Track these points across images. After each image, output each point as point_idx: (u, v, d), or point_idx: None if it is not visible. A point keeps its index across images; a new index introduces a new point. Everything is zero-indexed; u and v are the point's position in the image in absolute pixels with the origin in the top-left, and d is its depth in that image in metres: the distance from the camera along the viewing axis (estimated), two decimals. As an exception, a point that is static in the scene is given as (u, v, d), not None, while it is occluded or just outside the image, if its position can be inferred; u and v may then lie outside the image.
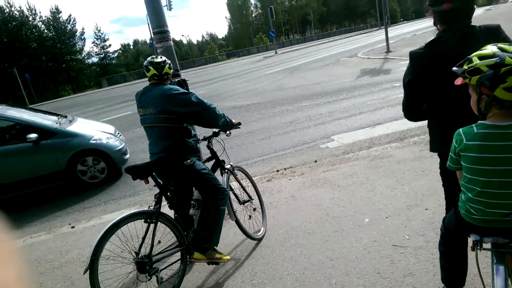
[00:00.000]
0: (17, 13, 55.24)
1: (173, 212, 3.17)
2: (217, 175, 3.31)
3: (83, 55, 67.46)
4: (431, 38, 2.04)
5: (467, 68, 1.57)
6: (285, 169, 5.45)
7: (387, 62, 15.45)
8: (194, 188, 3.28)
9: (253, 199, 3.79)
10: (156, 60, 3.04)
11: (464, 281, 2.22)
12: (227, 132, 3.52)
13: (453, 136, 1.71)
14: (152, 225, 2.79)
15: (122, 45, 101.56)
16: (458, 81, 1.67)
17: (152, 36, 4.32)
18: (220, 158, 3.57)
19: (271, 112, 10.00)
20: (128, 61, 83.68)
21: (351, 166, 4.96)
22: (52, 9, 59.35)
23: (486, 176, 1.61)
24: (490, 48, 1.56)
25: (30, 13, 57.33)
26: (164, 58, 3.12)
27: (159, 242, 3.36)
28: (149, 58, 3.09)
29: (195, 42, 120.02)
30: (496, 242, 1.71)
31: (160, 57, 3.11)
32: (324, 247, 3.21)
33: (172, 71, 3.18)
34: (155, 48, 4.21)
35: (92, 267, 2.48)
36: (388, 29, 20.22)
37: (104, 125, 7.67)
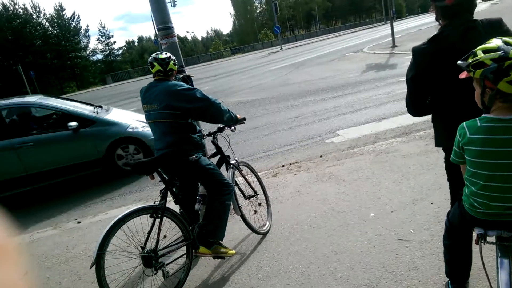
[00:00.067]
0: (21, 11, 55.52)
1: (179, 207, 3.19)
2: (222, 171, 3.33)
3: (88, 52, 67.79)
4: (433, 34, 2.04)
5: (472, 62, 1.57)
6: (291, 164, 5.45)
7: (393, 57, 15.35)
8: (200, 183, 3.29)
9: (258, 194, 3.80)
10: (161, 56, 3.05)
11: (468, 275, 2.22)
12: (232, 128, 3.53)
13: (457, 130, 1.70)
14: (158, 220, 2.81)
15: (127, 42, 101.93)
16: (463, 75, 1.66)
17: (157, 33, 4.32)
18: (225, 154, 3.58)
19: (276, 108, 9.98)
20: (133, 58, 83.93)
21: (357, 161, 4.95)
22: (56, 7, 59.58)
23: (490, 170, 1.61)
24: (495, 42, 1.55)
25: (34, 11, 57.63)
26: (169, 54, 3.12)
27: (165, 237, 3.40)
28: (154, 54, 3.09)
29: (200, 39, 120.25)
30: (501, 236, 1.71)
31: (165, 53, 3.11)
32: (329, 241, 3.21)
33: (177, 67, 3.19)
34: (160, 45, 4.22)
35: (99, 262, 2.50)
36: (394, 24, 20.08)
37: (138, 115, 7.78)
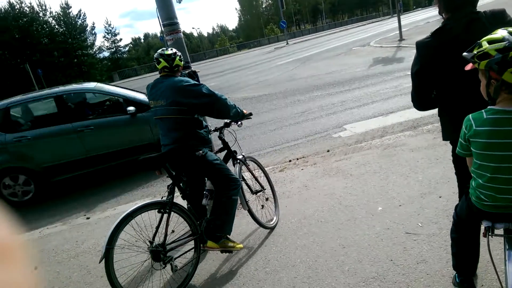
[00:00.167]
0: (28, 9, 55.72)
1: (186, 202, 3.20)
2: (229, 166, 3.33)
3: (94, 50, 67.93)
4: (437, 27, 2.03)
5: (476, 53, 1.55)
6: (298, 159, 5.44)
7: (400, 51, 15.21)
8: (207, 179, 3.30)
9: (266, 189, 3.80)
10: (167, 52, 3.05)
11: (476, 268, 2.21)
12: (239, 123, 3.53)
13: (463, 122, 1.69)
14: (166, 215, 2.83)
15: (133, 39, 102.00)
16: (468, 67, 1.65)
17: (162, 29, 4.33)
18: (232, 149, 3.59)
19: (283, 103, 9.96)
20: (139, 55, 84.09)
21: (364, 155, 4.93)
22: (62, 5, 59.61)
23: (496, 162, 1.60)
24: (500, 33, 1.53)
25: (41, 9, 57.79)
26: (175, 50, 3.13)
27: (173, 232, 3.42)
28: (160, 50, 3.10)
29: (206, 35, 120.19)
30: (508, 228, 1.70)
31: (171, 49, 3.12)
32: (337, 235, 3.21)
33: (183, 63, 3.19)
34: (166, 41, 4.23)
35: (108, 256, 2.53)
36: (401, 17, 19.89)
37: None
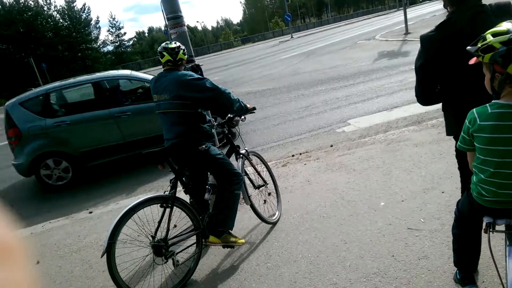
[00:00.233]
0: (32, 3, 55.91)
1: (189, 197, 3.21)
2: (232, 160, 3.33)
3: (99, 44, 68.09)
4: (441, 20, 2.01)
5: (481, 46, 1.53)
6: (301, 154, 5.43)
7: (406, 44, 15.09)
8: (209, 173, 3.30)
9: (268, 184, 3.80)
10: (170, 46, 3.04)
11: (477, 265, 2.20)
12: (242, 117, 3.52)
13: (466, 116, 1.67)
14: (168, 210, 2.84)
15: (137, 33, 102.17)
16: (472, 61, 1.62)
17: (166, 23, 4.31)
18: (235, 143, 3.59)
19: (287, 97, 9.93)
20: (143, 49, 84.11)
21: (368, 150, 4.91)
22: (67, -2, 59.77)
23: (500, 157, 1.58)
24: (505, 25, 1.51)
25: (45, 3, 57.97)
26: (178, 44, 3.12)
27: (175, 226, 3.43)
28: (163, 44, 3.09)
29: (210, 28, 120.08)
30: (509, 224, 1.68)
31: (175, 43, 3.11)
32: (339, 231, 3.21)
33: (186, 57, 3.18)
34: (170, 35, 4.21)
35: (110, 251, 2.54)
36: (407, 10, 19.70)
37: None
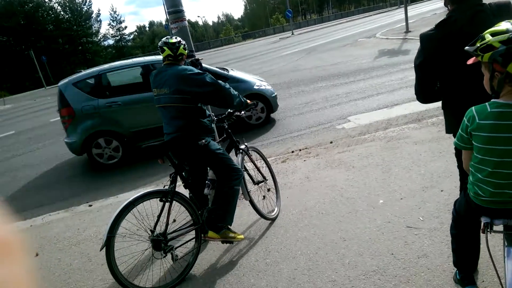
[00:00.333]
0: (33, -5, 55.68)
1: (188, 192, 3.21)
2: (232, 156, 3.32)
3: (99, 37, 68.01)
4: (441, 19, 2.00)
5: (480, 46, 1.52)
6: (300, 150, 5.43)
7: (406, 43, 15.05)
8: (209, 168, 3.30)
9: (268, 180, 3.80)
10: (171, 41, 3.03)
11: (476, 265, 2.20)
12: (242, 112, 3.52)
13: (465, 114, 1.66)
14: (167, 204, 2.84)
15: (138, 27, 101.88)
16: (470, 61, 1.62)
17: (167, 17, 4.29)
18: (235, 139, 3.58)
19: (287, 93, 9.91)
20: (144, 43, 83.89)
21: (367, 147, 4.91)
22: (68, -10, 59.51)
23: (499, 156, 1.57)
24: (504, 25, 1.50)
25: (46, -6, 57.71)
26: (179, 39, 3.11)
27: (174, 221, 3.43)
28: (164, 39, 3.08)
29: (211, 24, 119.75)
30: (507, 224, 1.68)
31: (175, 38, 3.10)
32: (338, 228, 3.21)
33: (187, 52, 3.17)
34: (170, 30, 4.19)
35: (109, 244, 2.54)
36: (408, 8, 19.64)
37: (254, 76, 8.08)
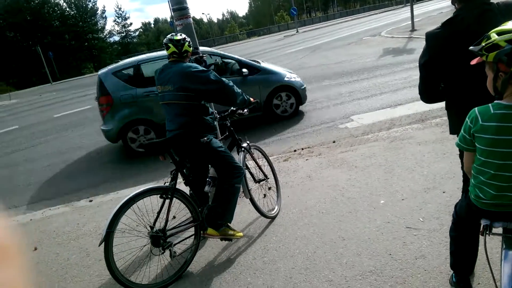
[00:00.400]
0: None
1: (189, 189, 3.21)
2: (234, 154, 3.33)
3: (105, 34, 68.21)
4: (448, 17, 1.98)
5: (485, 45, 1.50)
6: (302, 149, 5.42)
7: (411, 41, 14.97)
8: (210, 166, 3.30)
9: (269, 178, 3.80)
10: (176, 38, 3.04)
11: (473, 269, 2.19)
12: (245, 110, 3.52)
13: (467, 115, 1.65)
14: (168, 201, 2.84)
15: (143, 24, 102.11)
16: (474, 61, 1.60)
17: (172, 14, 4.29)
18: (237, 137, 3.58)
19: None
20: (149, 40, 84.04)
21: (370, 147, 4.89)
22: (73, -13, 59.70)
23: (501, 159, 1.56)
24: (511, 24, 1.49)
25: (52, -9, 57.91)
26: (184, 36, 3.11)
27: (174, 218, 3.44)
28: (169, 36, 3.09)
29: (216, 21, 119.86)
30: (506, 227, 1.67)
31: (180, 35, 3.10)
32: (337, 227, 3.20)
33: (192, 49, 3.18)
34: (175, 27, 4.19)
35: (108, 240, 2.55)
36: (414, 7, 19.52)
37: (284, 68, 8.14)
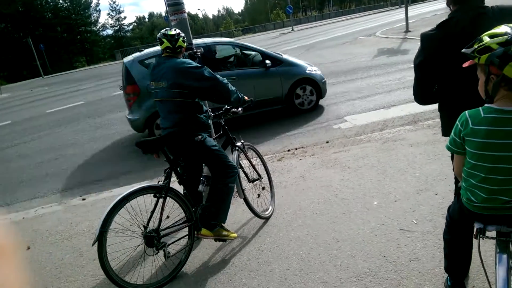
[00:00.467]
0: (32, -18, 55.08)
1: (182, 188, 3.19)
2: (228, 152, 3.31)
3: (98, 27, 67.61)
4: (443, 19, 1.99)
5: (477, 47, 1.51)
6: (296, 149, 5.42)
7: (406, 42, 15.05)
8: (204, 165, 3.28)
9: (263, 178, 3.79)
10: (170, 33, 3.00)
11: (467, 271, 2.20)
12: (239, 109, 3.49)
13: (458, 118, 1.65)
14: (161, 200, 2.82)
15: (137, 18, 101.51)
16: (466, 64, 1.61)
17: (167, 9, 4.24)
18: (231, 136, 3.56)
19: (284, 90, 9.86)
20: (143, 34, 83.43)
21: (363, 148, 4.91)
22: (67, -21, 59.01)
23: (492, 162, 1.57)
24: (503, 28, 1.50)
25: (45, -18, 57.19)
26: (178, 31, 3.07)
27: (168, 217, 3.41)
28: (163, 31, 3.05)
29: (211, 17, 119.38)
30: (500, 231, 1.68)
31: (174, 30, 3.06)
32: (331, 229, 3.21)
33: (186, 45, 3.14)
34: (170, 21, 4.15)
35: (101, 239, 2.53)
36: (408, 8, 19.61)
37: (304, 61, 8.13)
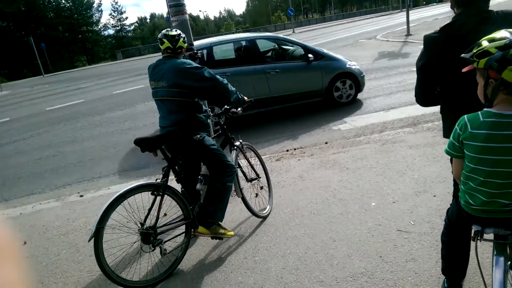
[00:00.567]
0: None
1: (180, 186, 3.19)
2: (226, 152, 3.31)
3: (100, 27, 67.75)
4: (446, 22, 1.99)
5: (476, 52, 1.52)
6: (295, 149, 5.43)
7: (406, 46, 15.08)
8: (202, 163, 3.29)
9: (261, 177, 3.79)
10: (171, 33, 3.02)
11: (464, 274, 2.20)
12: (239, 109, 3.50)
13: (457, 122, 1.65)
14: (159, 198, 2.82)
15: (139, 18, 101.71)
16: (466, 68, 1.61)
17: (168, 10, 4.26)
18: (230, 135, 3.57)
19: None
20: (144, 35, 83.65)
21: (362, 149, 4.92)
22: (70, -21, 59.15)
23: (491, 166, 1.57)
24: (502, 32, 1.50)
25: (47, -18, 57.31)
26: (179, 32, 3.09)
27: (165, 215, 3.42)
28: (164, 31, 3.07)
29: (212, 18, 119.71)
30: (497, 234, 1.68)
31: (175, 31, 3.08)
32: (328, 228, 3.21)
33: (186, 45, 3.16)
34: (171, 22, 4.17)
35: (97, 235, 2.53)
36: (410, 12, 19.67)
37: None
